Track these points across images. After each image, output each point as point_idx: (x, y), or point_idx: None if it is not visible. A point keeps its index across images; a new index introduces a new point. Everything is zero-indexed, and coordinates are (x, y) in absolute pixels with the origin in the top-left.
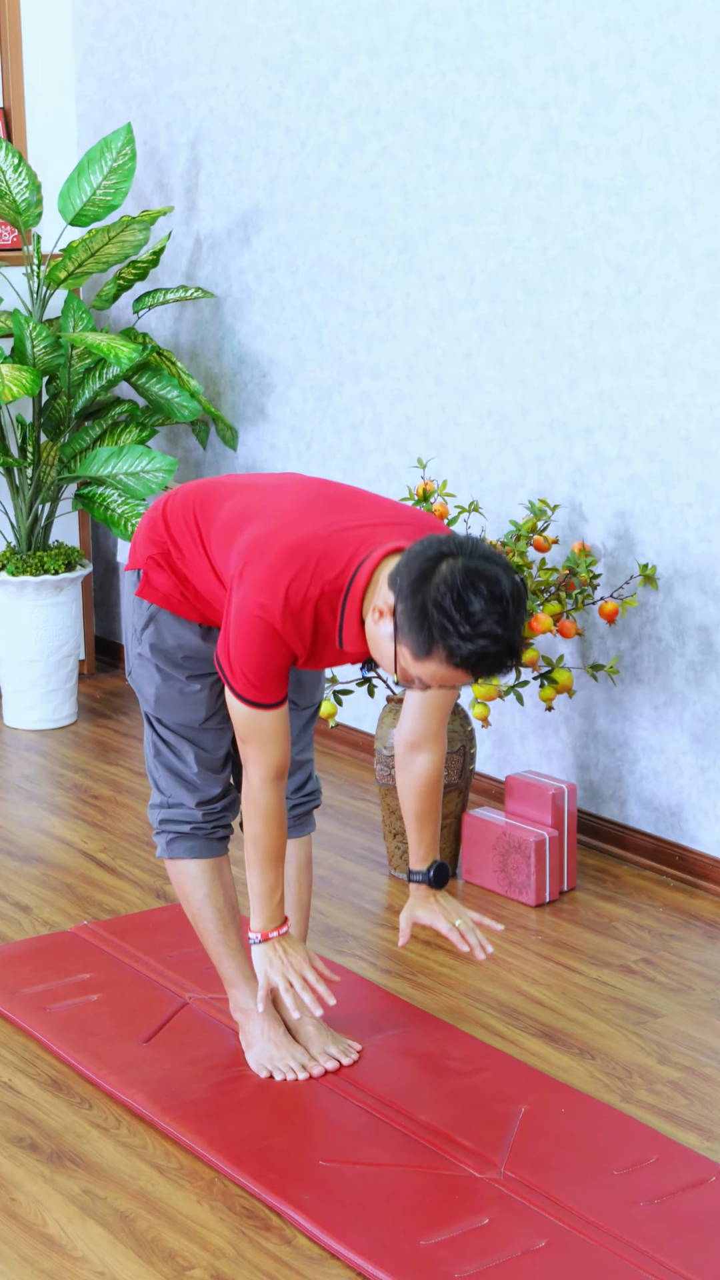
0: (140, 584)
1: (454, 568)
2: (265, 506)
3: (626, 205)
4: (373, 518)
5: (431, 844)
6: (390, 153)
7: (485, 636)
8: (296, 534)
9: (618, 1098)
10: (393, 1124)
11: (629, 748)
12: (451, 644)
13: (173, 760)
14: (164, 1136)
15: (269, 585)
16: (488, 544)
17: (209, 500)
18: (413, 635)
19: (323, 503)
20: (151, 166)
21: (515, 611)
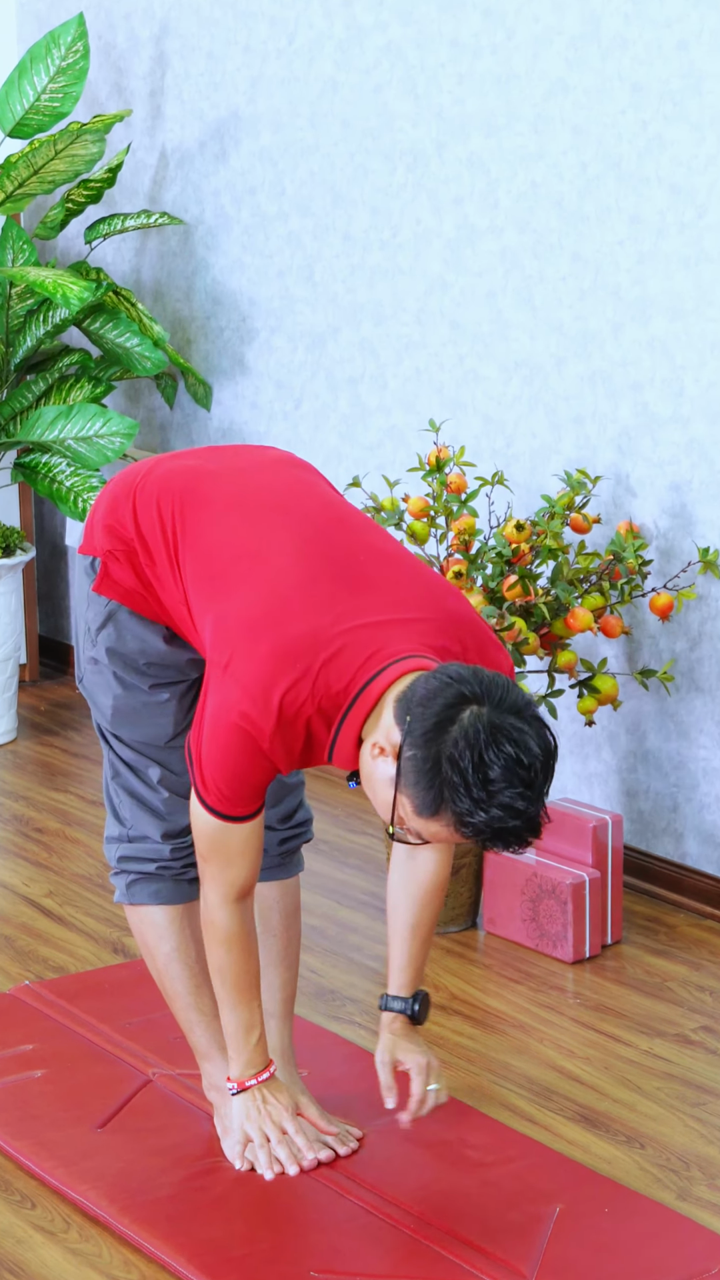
0: (98, 577)
1: (477, 720)
2: (262, 563)
3: (683, 112)
4: (390, 605)
5: (419, 966)
6: (397, 49)
7: (503, 809)
8: (298, 627)
9: (672, 1195)
10: (399, 1227)
11: (686, 770)
12: (462, 809)
13: (134, 783)
14: (122, 1242)
15: (260, 694)
16: (518, 689)
17: (192, 505)
18: (419, 790)
19: (332, 572)
20: (107, 66)
21: (543, 781)
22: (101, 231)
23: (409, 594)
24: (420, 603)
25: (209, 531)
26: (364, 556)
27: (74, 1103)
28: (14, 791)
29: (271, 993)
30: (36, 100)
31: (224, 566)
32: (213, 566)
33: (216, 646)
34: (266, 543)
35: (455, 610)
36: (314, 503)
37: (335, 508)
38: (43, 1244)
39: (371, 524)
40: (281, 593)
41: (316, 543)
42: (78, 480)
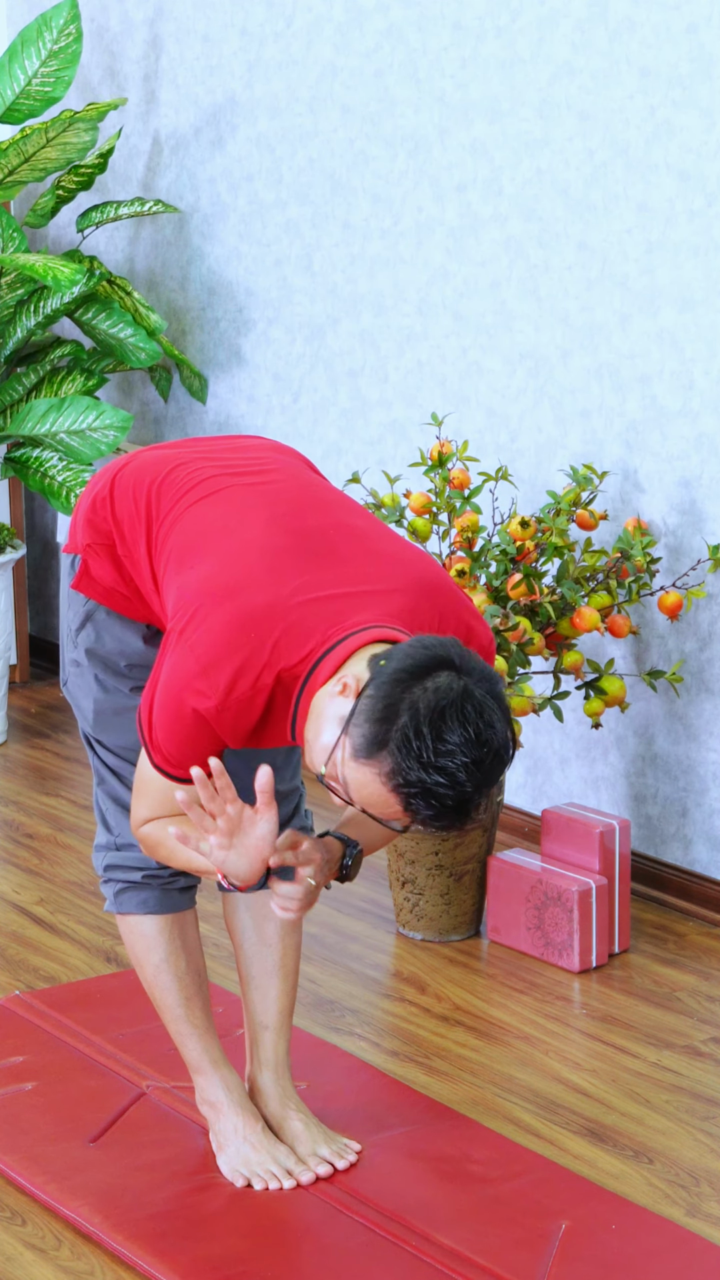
0: (77, 574)
1: (453, 684)
2: (230, 536)
3: (692, 97)
4: (357, 577)
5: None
6: (398, 32)
7: (443, 774)
8: (257, 598)
9: (682, 1211)
10: (401, 1244)
11: (695, 775)
12: (402, 762)
13: (120, 789)
14: (115, 1260)
15: (212, 667)
16: (501, 682)
17: (169, 489)
18: (368, 727)
19: (300, 546)
20: (100, 50)
21: (490, 770)
22: (94, 219)
23: (379, 567)
24: (391, 574)
25: (184, 512)
26: (335, 533)
27: (66, 1116)
28: (4, 796)
29: (267, 1004)
30: (28, 85)
31: (190, 539)
32: (180, 541)
33: (175, 612)
34: (238, 517)
35: (428, 578)
36: (291, 483)
37: (313, 487)
38: (33, 1262)
39: (351, 502)
40: (244, 563)
41: (288, 518)
42: (70, 475)
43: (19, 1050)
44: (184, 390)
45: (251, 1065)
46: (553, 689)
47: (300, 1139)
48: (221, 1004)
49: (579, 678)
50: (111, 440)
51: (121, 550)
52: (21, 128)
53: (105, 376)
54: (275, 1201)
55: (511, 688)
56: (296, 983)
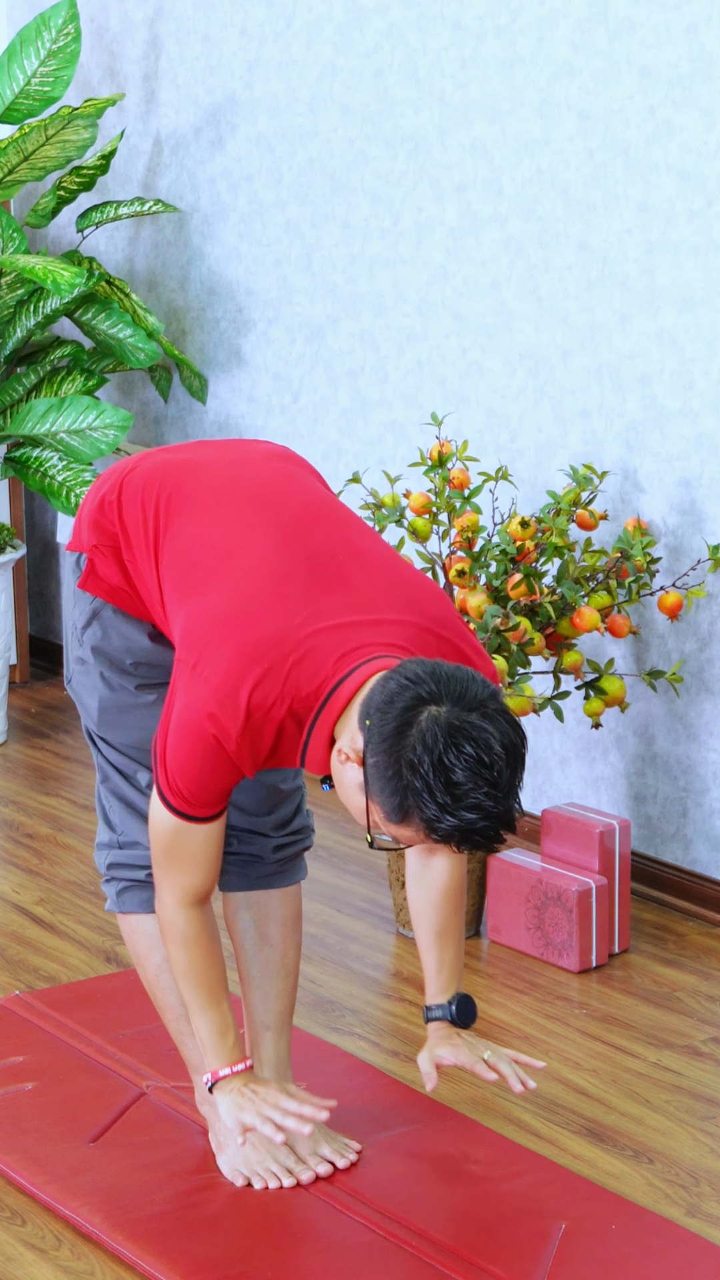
0: (84, 574)
1: (435, 721)
2: (236, 560)
3: (692, 98)
4: (365, 605)
5: (454, 970)
6: (398, 32)
7: (471, 810)
8: (266, 627)
9: (682, 1211)
10: (401, 1243)
11: (695, 775)
12: (429, 815)
13: (124, 787)
14: (115, 1260)
15: (228, 694)
16: (480, 680)
17: (176, 498)
18: (385, 797)
19: (307, 571)
20: (100, 49)
21: (510, 776)
22: (94, 219)
23: (386, 595)
24: (397, 604)
25: (189, 525)
26: (343, 555)
27: (66, 1116)
28: (4, 796)
29: (268, 1004)
30: (26, 84)
31: (198, 560)
32: (189, 559)
33: (185, 644)
34: (244, 539)
35: (434, 613)
36: (299, 498)
37: (321, 505)
38: (33, 1262)
39: (358, 522)
40: (252, 591)
41: (296, 540)
42: (70, 475)
43: (19, 1050)
44: (184, 390)
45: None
46: (553, 689)
47: (300, 1139)
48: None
49: (579, 678)
50: (111, 440)
51: (127, 556)
52: (20, 126)
53: (105, 376)
54: (275, 1201)
55: (511, 688)
56: (297, 982)
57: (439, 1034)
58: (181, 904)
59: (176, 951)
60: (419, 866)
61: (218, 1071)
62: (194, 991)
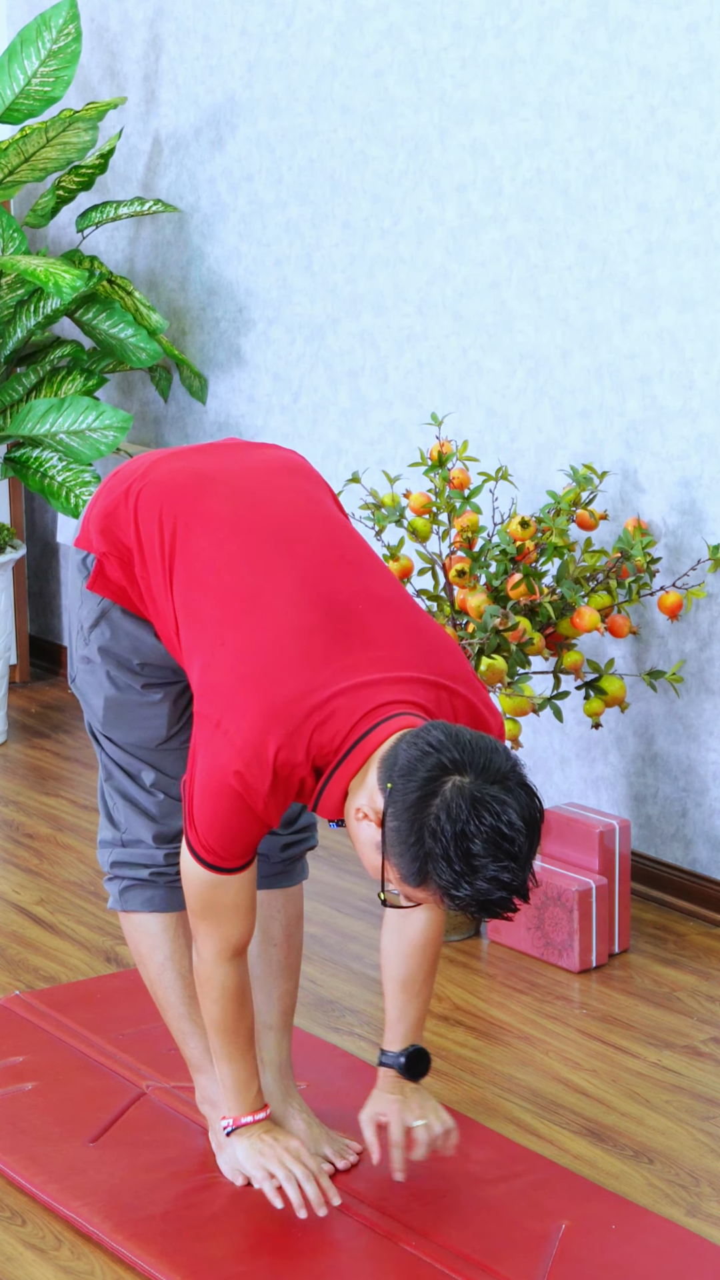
0: (93, 574)
1: (459, 792)
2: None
3: (692, 98)
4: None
5: (415, 1022)
6: (398, 32)
7: (488, 882)
8: (290, 687)
9: (682, 1211)
10: (400, 1244)
11: (695, 775)
12: (445, 883)
13: (128, 785)
14: (116, 1260)
15: (254, 753)
16: (503, 751)
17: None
18: (403, 861)
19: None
20: (100, 50)
21: (528, 852)
22: (94, 219)
23: (405, 651)
24: (415, 660)
25: (206, 557)
26: (362, 605)
27: (66, 1116)
28: (4, 796)
29: (270, 1004)
30: (27, 84)
31: (216, 603)
32: (205, 601)
33: (206, 699)
34: (264, 582)
35: (450, 668)
36: (316, 535)
37: (337, 541)
38: (34, 1262)
39: (371, 559)
40: (273, 646)
41: (314, 586)
42: (70, 475)
43: (19, 1050)
44: (184, 390)
45: None
46: (553, 689)
47: (301, 1138)
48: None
49: (579, 678)
50: (111, 440)
51: (140, 572)
52: (21, 127)
53: (105, 376)
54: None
55: (511, 688)
56: (298, 983)
57: (386, 1082)
58: (221, 958)
59: (212, 1005)
60: (397, 917)
61: (240, 1118)
62: (224, 1042)
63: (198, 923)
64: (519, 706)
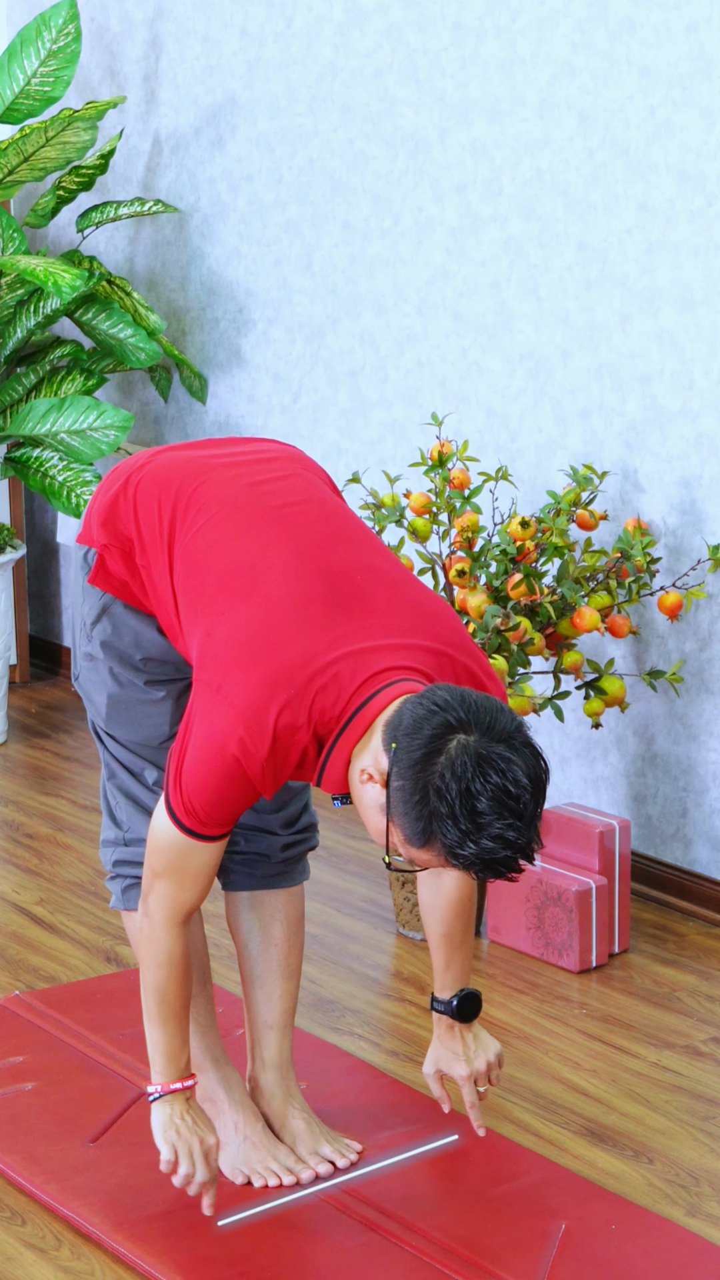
0: (94, 569)
1: (464, 750)
2: (256, 579)
3: (692, 98)
4: (385, 629)
5: (462, 970)
6: (398, 32)
7: (493, 840)
8: (290, 653)
9: (682, 1211)
10: (401, 1244)
11: (695, 775)
12: (451, 841)
13: (131, 784)
14: (116, 1260)
15: (255, 716)
16: (507, 712)
17: (191, 503)
18: (408, 820)
19: (327, 593)
20: (100, 49)
21: (533, 807)
22: (94, 219)
23: (404, 618)
24: (415, 627)
25: (205, 535)
26: (361, 576)
27: (66, 1116)
28: (4, 796)
29: (271, 1004)
30: (27, 84)
31: (217, 576)
32: (205, 575)
33: (206, 665)
34: (262, 555)
35: (450, 636)
36: (314, 511)
37: (335, 518)
38: (34, 1262)
39: (370, 537)
40: (274, 612)
41: (313, 558)
42: (70, 475)
43: (19, 1050)
44: (184, 390)
45: (254, 1065)
46: (553, 689)
47: (302, 1138)
48: (221, 1004)
49: (579, 678)
50: (112, 440)
51: (140, 560)
52: (20, 127)
53: (105, 376)
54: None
55: (511, 688)
56: (299, 984)
57: (443, 1029)
58: (170, 920)
59: (154, 968)
60: (430, 875)
61: (169, 1084)
62: (159, 1007)
63: (154, 882)
64: (519, 706)
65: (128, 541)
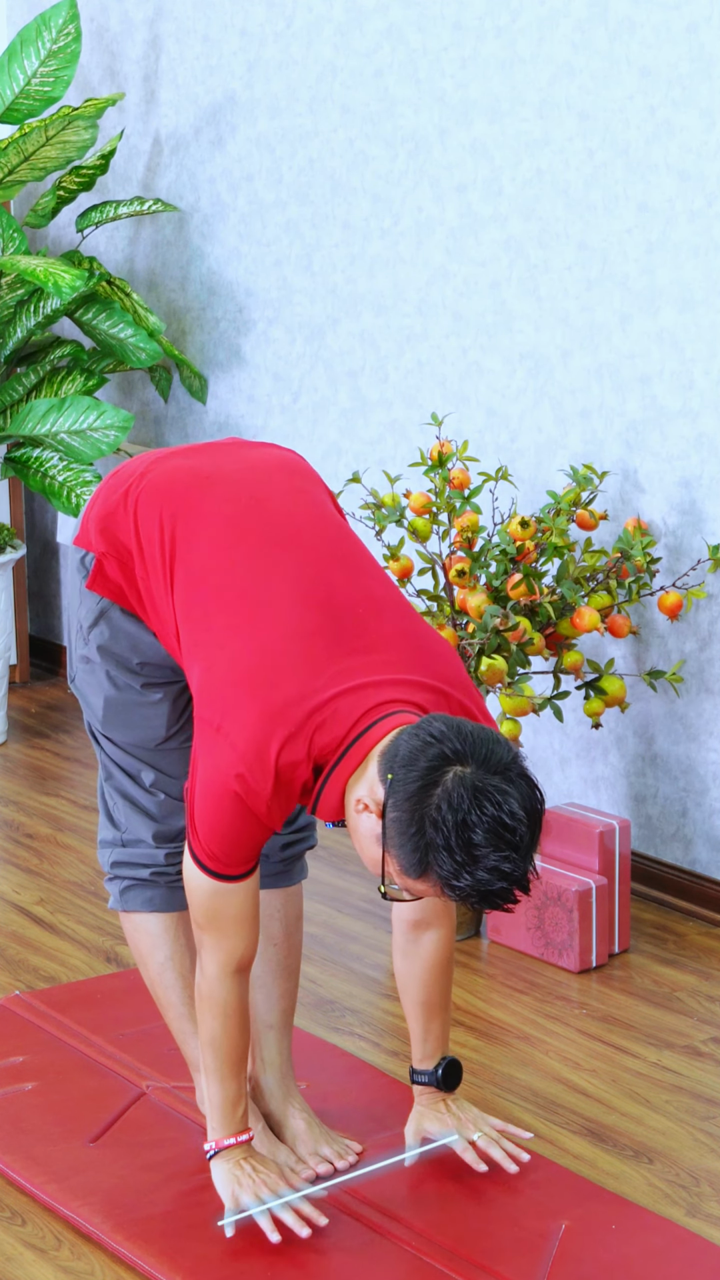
0: (92, 574)
1: (460, 782)
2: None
3: (692, 97)
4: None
5: (440, 1038)
6: (398, 32)
7: (489, 872)
8: (290, 686)
9: (682, 1211)
10: (400, 1243)
11: (695, 775)
12: (446, 873)
13: (128, 785)
14: (116, 1260)
15: (256, 755)
16: (504, 743)
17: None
18: (404, 852)
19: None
20: (100, 50)
21: (529, 843)
22: (94, 219)
23: (404, 654)
24: (414, 664)
25: (206, 561)
26: (362, 609)
27: (66, 1116)
28: (4, 796)
29: (270, 1004)
30: (27, 84)
31: (218, 607)
32: (208, 607)
33: (206, 703)
34: (263, 585)
35: (447, 673)
36: (315, 537)
37: (335, 543)
38: (33, 1262)
39: (369, 562)
40: (273, 650)
41: (315, 591)
42: (70, 475)
43: (19, 1050)
44: (184, 390)
45: (253, 1065)
46: (553, 689)
47: (302, 1138)
48: None
49: (579, 678)
50: (112, 440)
51: (139, 573)
52: (21, 127)
53: (105, 376)
54: None
55: (511, 688)
56: (298, 983)
57: (426, 1100)
58: (225, 973)
59: (211, 1021)
60: (406, 941)
61: (222, 1140)
62: (218, 1060)
63: (202, 935)
64: (519, 706)
65: (126, 552)
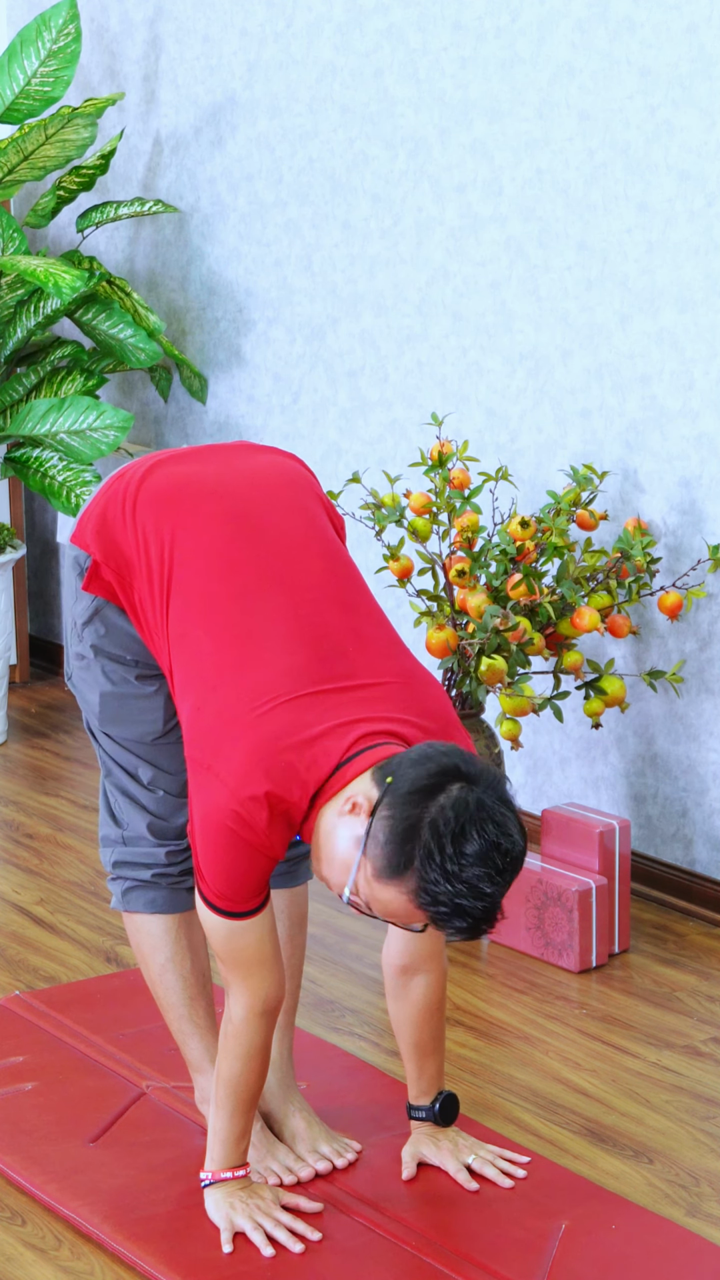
0: (88, 575)
1: (467, 798)
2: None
3: (692, 97)
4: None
5: (435, 1075)
6: (398, 32)
7: (469, 885)
8: (278, 721)
9: (681, 1211)
10: (400, 1243)
11: (695, 775)
12: (429, 877)
13: (127, 783)
14: (116, 1260)
15: (249, 791)
16: (508, 783)
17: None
18: (388, 849)
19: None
20: (100, 50)
21: (510, 876)
22: (94, 219)
23: (393, 691)
24: (404, 704)
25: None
26: (353, 646)
27: (66, 1116)
28: (4, 796)
29: None
30: (27, 84)
31: (212, 648)
32: (201, 641)
33: (196, 743)
34: (257, 622)
35: (435, 711)
36: (311, 569)
37: (331, 576)
38: (34, 1262)
39: (364, 595)
40: (265, 688)
41: (308, 628)
42: (70, 475)
43: (19, 1050)
44: (184, 390)
45: None
46: (553, 689)
47: (301, 1137)
48: (221, 1004)
49: (579, 678)
50: (112, 441)
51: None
52: (20, 126)
53: (105, 376)
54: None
55: (511, 688)
56: (300, 983)
57: (423, 1131)
58: (251, 1014)
59: (233, 1062)
60: (395, 986)
61: (219, 1173)
62: (232, 1098)
63: (228, 978)
64: (519, 706)
65: (124, 562)
